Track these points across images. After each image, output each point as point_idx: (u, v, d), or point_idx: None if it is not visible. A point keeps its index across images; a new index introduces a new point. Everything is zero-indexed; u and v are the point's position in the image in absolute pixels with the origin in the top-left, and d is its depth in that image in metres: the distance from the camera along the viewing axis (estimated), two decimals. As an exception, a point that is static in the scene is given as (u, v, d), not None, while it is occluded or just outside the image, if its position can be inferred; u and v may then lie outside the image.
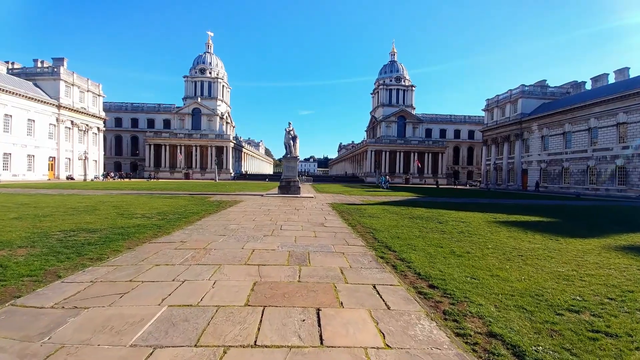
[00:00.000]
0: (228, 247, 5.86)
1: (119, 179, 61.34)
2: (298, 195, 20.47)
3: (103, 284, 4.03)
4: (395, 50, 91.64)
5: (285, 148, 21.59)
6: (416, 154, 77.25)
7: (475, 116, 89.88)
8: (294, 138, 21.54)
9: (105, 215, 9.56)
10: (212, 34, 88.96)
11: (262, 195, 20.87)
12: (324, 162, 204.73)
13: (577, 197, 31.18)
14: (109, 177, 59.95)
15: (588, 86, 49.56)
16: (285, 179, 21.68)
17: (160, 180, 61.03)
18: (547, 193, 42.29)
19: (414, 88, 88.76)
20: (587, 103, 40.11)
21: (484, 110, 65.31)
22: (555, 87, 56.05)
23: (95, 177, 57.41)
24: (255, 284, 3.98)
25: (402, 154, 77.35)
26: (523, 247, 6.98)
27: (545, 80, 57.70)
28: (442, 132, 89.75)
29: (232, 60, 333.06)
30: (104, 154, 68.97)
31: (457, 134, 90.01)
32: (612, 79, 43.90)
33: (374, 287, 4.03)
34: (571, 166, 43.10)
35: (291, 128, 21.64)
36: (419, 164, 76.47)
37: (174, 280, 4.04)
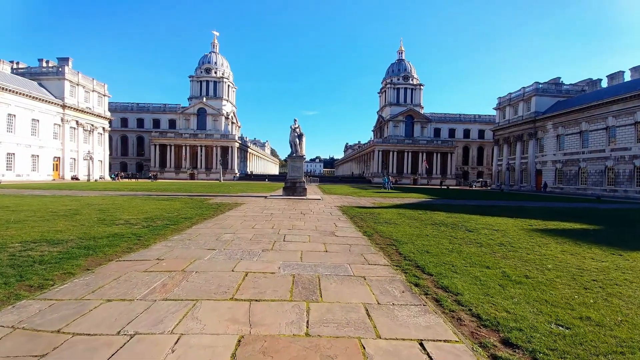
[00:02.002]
0: (214, 269, 4.51)
1: (127, 179, 61.47)
2: (304, 197, 19.13)
3: (22, 333, 2.73)
4: (402, 49, 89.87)
5: (291, 147, 20.26)
6: (424, 154, 75.41)
7: (485, 115, 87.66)
8: (300, 136, 20.20)
9: (83, 222, 8.33)
10: (217, 34, 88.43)
11: (265, 197, 19.56)
12: (330, 163, 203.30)
13: (597, 199, 29.32)
14: (118, 177, 60.74)
15: (604, 84, 48.22)
16: (291, 179, 20.34)
17: (164, 180, 60.37)
18: (563, 194, 40.46)
19: (422, 87, 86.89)
20: (605, 101, 38.35)
21: (495, 108, 63.27)
22: (570, 84, 54.06)
23: (100, 177, 57.15)
24: (241, 340, 2.61)
25: (410, 154, 75.59)
26: (589, 266, 5.52)
27: (560, 78, 55.64)
28: (451, 132, 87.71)
29: (238, 60, 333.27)
30: (110, 154, 68.84)
31: (466, 133, 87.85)
32: (627, 77, 42.23)
33: (422, 346, 2.64)
34: (588, 166, 41.20)
35: (297, 125, 20.31)
36: (427, 165, 74.60)
37: (119, 332, 2.69)
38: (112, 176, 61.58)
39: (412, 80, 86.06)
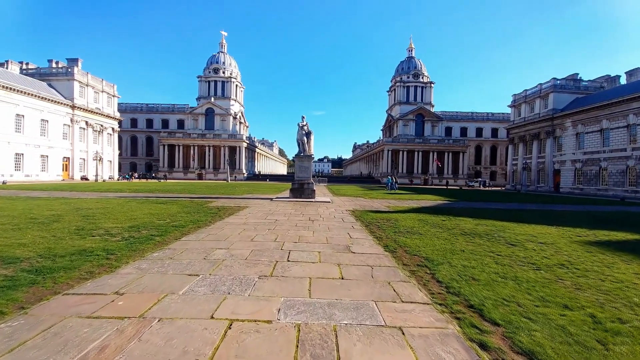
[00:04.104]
0: (186, 314, 3.20)
1: (138, 179, 61.95)
2: (312, 200, 17.81)
3: None
4: (412, 46, 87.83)
5: (298, 145, 18.97)
6: (435, 154, 73.27)
7: (499, 113, 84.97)
8: (308, 134, 18.89)
9: (57, 232, 7.18)
10: (225, 34, 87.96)
11: (271, 199, 18.31)
12: (338, 162, 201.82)
13: (622, 201, 27.35)
14: (132, 177, 62.04)
15: (622, 80, 46.84)
16: (299, 180, 19.03)
17: (173, 180, 59.96)
18: (583, 195, 38.34)
19: (432, 85, 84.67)
20: (625, 98, 36.73)
21: (510, 106, 60.92)
22: (588, 81, 52.05)
23: (110, 178, 57.16)
24: None
25: (420, 153, 73.54)
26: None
27: (578, 74, 53.53)
28: (463, 131, 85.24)
29: (246, 60, 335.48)
30: (120, 155, 69.04)
31: (479, 132, 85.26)
32: (645, 73, 40.38)
33: None
34: (609, 166, 39.22)
35: (305, 123, 19.01)
36: (439, 164, 72.41)
37: None
38: (127, 176, 62.87)
39: (422, 78, 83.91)
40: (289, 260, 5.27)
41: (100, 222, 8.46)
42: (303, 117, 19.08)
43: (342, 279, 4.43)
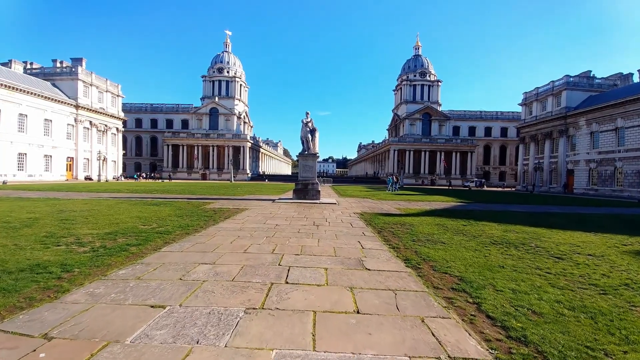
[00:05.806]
0: None
1: (145, 180, 61.99)
2: (317, 201, 16.68)
3: None
4: (419, 44, 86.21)
5: (302, 143, 17.85)
6: (443, 154, 71.68)
7: (508, 112, 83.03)
8: (313, 131, 17.77)
9: (22, 239, 6.15)
10: (230, 33, 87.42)
11: (273, 200, 17.23)
12: (342, 163, 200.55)
13: (639, 203, 25.90)
14: (140, 177, 63.01)
15: (635, 78, 45.76)
16: (302, 180, 17.90)
17: (176, 180, 59.36)
18: (599, 197, 36.74)
19: (439, 83, 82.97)
20: (639, 96, 34.96)
21: (520, 104, 59.22)
22: (602, 78, 50.52)
23: (114, 178, 56.78)
24: None
25: (427, 153, 72.00)
26: None
27: (591, 71, 51.84)
28: (471, 130, 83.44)
29: (251, 60, 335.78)
30: (125, 155, 68.84)
31: (487, 131, 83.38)
32: (657, 72, 39.19)
33: None
34: (625, 166, 37.78)
35: (309, 119, 17.90)
36: (446, 164, 70.83)
37: None
38: (134, 176, 63.53)
39: (429, 76, 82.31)
40: (287, 282, 4.14)
41: (76, 228, 7.44)
42: (307, 113, 17.97)
43: (358, 312, 3.28)
